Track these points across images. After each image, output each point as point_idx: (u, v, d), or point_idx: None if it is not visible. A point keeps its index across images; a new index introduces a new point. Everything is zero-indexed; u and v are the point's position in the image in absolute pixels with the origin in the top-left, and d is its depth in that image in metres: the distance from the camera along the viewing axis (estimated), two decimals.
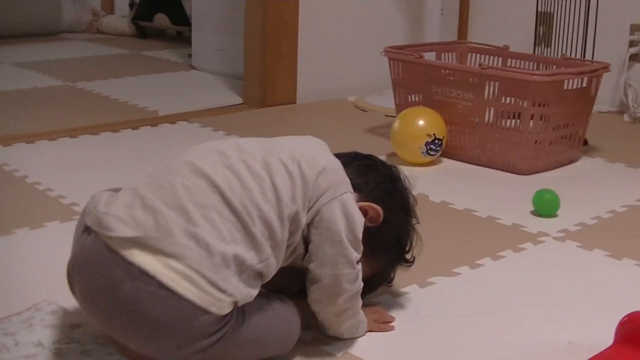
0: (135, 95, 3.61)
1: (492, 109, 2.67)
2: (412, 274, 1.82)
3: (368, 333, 1.55)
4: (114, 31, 5.55)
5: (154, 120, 3.19)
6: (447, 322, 1.63)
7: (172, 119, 3.20)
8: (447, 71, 2.79)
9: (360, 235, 1.43)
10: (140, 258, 1.27)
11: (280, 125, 3.21)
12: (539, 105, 2.58)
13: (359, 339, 1.53)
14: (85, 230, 1.34)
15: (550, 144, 2.65)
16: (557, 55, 3.01)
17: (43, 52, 4.76)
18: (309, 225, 1.41)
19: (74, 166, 2.59)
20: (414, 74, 2.85)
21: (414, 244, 1.62)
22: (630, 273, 1.90)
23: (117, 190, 1.42)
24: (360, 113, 3.43)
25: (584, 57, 2.97)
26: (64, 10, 5.48)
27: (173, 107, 3.38)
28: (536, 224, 2.18)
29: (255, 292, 1.34)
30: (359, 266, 1.44)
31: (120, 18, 5.63)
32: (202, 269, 1.27)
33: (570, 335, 1.58)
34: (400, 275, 1.81)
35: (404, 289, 1.75)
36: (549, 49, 3.10)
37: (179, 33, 5.40)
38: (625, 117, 3.38)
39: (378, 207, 1.50)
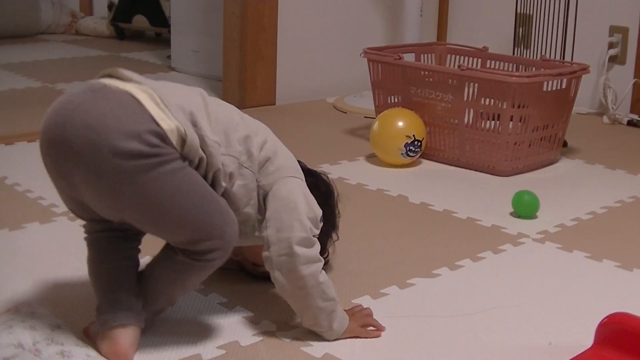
0: None
1: (472, 110, 2.67)
2: (392, 275, 1.82)
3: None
4: (93, 33, 5.53)
5: None
6: (426, 323, 1.62)
7: None
8: (426, 72, 2.79)
9: (319, 213, 1.52)
10: (110, 80, 1.41)
11: None
12: (518, 107, 2.58)
13: (340, 340, 1.53)
14: None
15: (529, 145, 2.66)
16: (536, 57, 3.02)
17: (21, 54, 4.74)
18: (265, 197, 1.51)
19: None
20: (393, 76, 2.85)
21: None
22: (610, 274, 1.90)
23: None
24: (339, 114, 3.43)
25: (563, 58, 2.97)
26: (42, 11, 5.46)
27: None
28: (516, 226, 2.18)
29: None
30: (315, 240, 1.49)
31: (99, 19, 5.62)
32: (162, 94, 1.40)
33: (551, 336, 1.58)
34: (380, 277, 1.81)
35: (383, 290, 1.75)
36: (528, 51, 3.10)
37: (158, 34, 5.39)
38: (605, 119, 3.39)
39: None
